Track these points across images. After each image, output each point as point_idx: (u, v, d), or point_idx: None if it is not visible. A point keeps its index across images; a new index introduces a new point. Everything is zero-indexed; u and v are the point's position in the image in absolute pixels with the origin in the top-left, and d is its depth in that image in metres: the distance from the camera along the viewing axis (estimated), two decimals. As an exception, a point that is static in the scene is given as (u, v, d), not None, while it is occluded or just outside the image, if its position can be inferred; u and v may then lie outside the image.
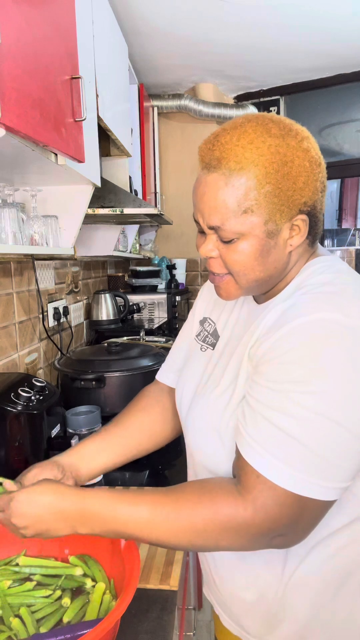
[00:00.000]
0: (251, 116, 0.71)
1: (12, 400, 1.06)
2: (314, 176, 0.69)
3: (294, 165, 0.67)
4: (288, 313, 0.68)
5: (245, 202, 0.67)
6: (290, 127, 0.69)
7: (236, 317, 0.84)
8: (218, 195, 0.68)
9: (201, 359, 0.87)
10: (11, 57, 0.81)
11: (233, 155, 0.66)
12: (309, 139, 0.70)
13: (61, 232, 1.49)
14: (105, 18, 1.69)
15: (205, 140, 0.71)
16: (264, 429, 0.64)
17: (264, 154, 0.66)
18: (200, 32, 2.35)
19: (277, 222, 0.68)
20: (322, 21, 2.30)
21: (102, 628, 0.62)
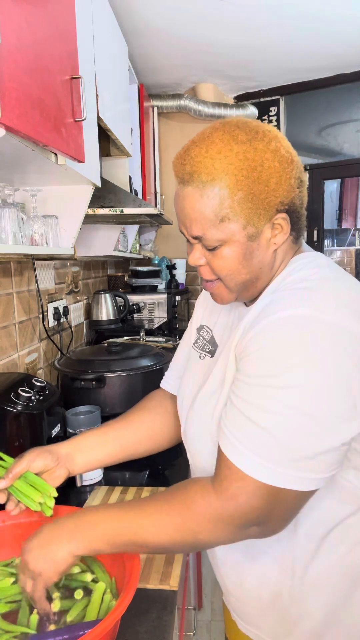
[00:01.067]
0: (218, 124, 0.72)
1: (12, 400, 1.06)
2: (286, 175, 0.70)
3: (263, 168, 0.68)
4: (265, 310, 0.70)
5: (221, 211, 0.69)
6: (257, 130, 0.71)
7: (227, 321, 0.86)
8: (195, 207, 0.70)
9: (199, 366, 0.88)
10: (11, 57, 0.81)
11: (203, 167, 0.68)
12: (277, 139, 0.71)
13: (61, 232, 1.49)
14: (105, 18, 1.69)
15: (177, 155, 0.73)
16: (239, 422, 0.66)
17: (233, 162, 0.67)
18: (200, 32, 2.35)
19: (256, 224, 0.70)
20: (322, 21, 2.30)
21: (102, 628, 0.62)
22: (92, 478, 1.27)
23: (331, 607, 0.77)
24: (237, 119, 0.73)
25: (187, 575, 1.43)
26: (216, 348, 0.86)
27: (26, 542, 0.75)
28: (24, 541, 0.75)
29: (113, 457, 0.95)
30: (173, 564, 0.92)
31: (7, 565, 0.87)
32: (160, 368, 1.53)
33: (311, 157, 3.33)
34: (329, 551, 0.75)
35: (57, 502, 1.10)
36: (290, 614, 0.78)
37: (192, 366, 0.91)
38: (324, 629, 0.78)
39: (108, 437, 0.95)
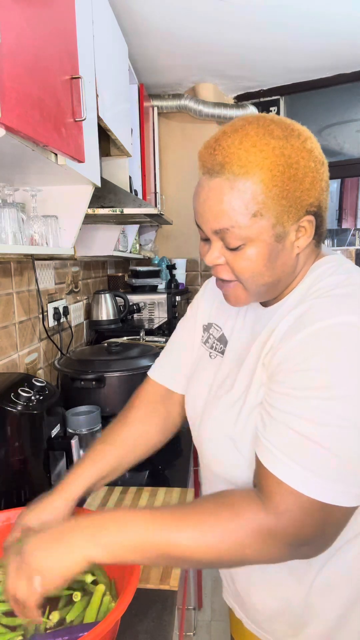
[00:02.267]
0: (251, 118, 0.69)
1: (12, 400, 1.05)
2: (319, 176, 0.68)
3: (299, 167, 0.65)
4: (303, 318, 0.66)
5: (254, 206, 0.65)
6: (292, 127, 0.68)
7: (242, 322, 0.82)
8: (224, 199, 0.66)
9: (210, 367, 0.85)
10: (11, 57, 0.81)
11: (236, 159, 0.64)
12: (311, 139, 0.69)
13: (61, 232, 1.49)
14: (105, 18, 1.69)
15: (206, 144, 0.70)
16: (285, 436, 0.63)
17: (269, 156, 0.64)
18: (200, 32, 2.35)
19: (285, 224, 0.67)
20: (322, 21, 2.30)
21: (102, 628, 0.62)
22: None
23: (341, 611, 0.76)
24: (271, 115, 0.70)
25: (187, 575, 1.43)
26: (226, 346, 0.83)
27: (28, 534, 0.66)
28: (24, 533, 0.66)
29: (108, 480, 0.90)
30: (173, 564, 0.92)
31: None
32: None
33: (311, 157, 3.33)
34: (340, 560, 0.74)
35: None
36: (299, 618, 0.78)
37: (202, 367, 0.88)
38: (332, 632, 0.77)
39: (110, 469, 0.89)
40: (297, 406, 0.63)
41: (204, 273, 3.42)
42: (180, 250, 3.42)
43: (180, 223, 3.33)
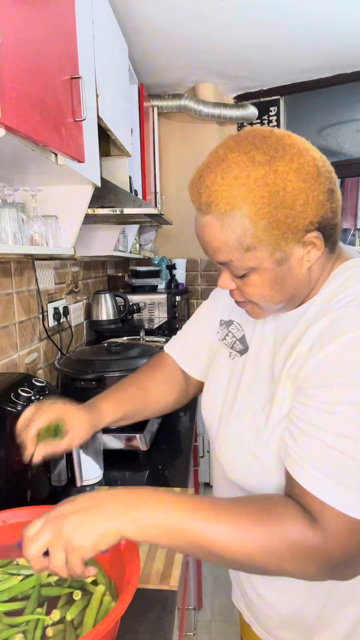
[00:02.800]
0: (232, 143, 0.67)
1: (12, 400, 1.05)
2: (312, 192, 0.64)
3: (286, 192, 0.63)
4: (332, 329, 0.64)
5: (245, 241, 0.65)
6: (277, 147, 0.64)
7: (262, 327, 0.81)
8: (217, 237, 0.66)
9: (228, 367, 0.85)
10: (11, 57, 0.81)
11: (221, 197, 0.64)
12: (300, 154, 0.64)
13: (61, 232, 1.49)
14: (105, 18, 1.69)
15: (192, 180, 0.69)
16: (321, 453, 0.61)
17: (252, 189, 0.62)
18: (200, 32, 2.35)
19: (284, 249, 0.66)
20: (322, 21, 2.30)
21: (102, 628, 0.62)
22: (92, 478, 1.27)
23: (352, 624, 0.76)
24: (254, 133, 0.67)
25: (187, 575, 1.43)
26: (247, 348, 0.82)
27: (58, 508, 0.63)
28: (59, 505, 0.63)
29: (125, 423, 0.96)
30: (173, 564, 0.92)
31: (8, 565, 0.87)
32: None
33: (311, 157, 3.34)
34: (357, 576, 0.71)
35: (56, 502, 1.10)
36: (309, 628, 0.78)
37: (220, 366, 0.87)
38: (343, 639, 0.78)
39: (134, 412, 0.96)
40: (332, 422, 0.60)
41: (204, 273, 3.43)
42: (180, 250, 3.42)
43: (180, 223, 3.32)
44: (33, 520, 0.63)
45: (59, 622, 0.75)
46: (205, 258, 3.39)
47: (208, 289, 3.44)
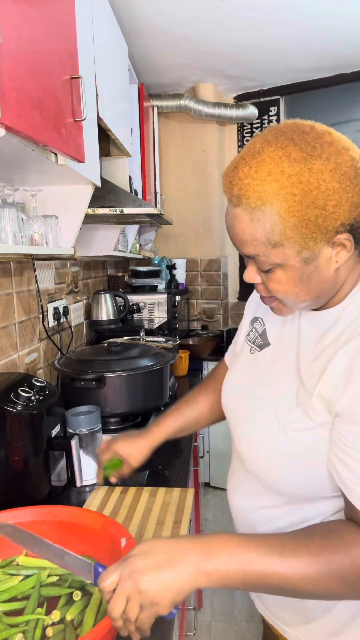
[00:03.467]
0: (271, 136, 0.66)
1: (12, 400, 1.05)
2: (347, 194, 0.63)
3: (319, 192, 0.62)
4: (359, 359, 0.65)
5: (273, 237, 0.65)
6: (315, 144, 0.63)
7: (285, 325, 0.82)
8: (245, 230, 0.66)
9: (248, 361, 0.87)
10: (11, 57, 0.81)
11: (252, 191, 0.64)
12: (338, 152, 0.64)
13: (61, 232, 1.49)
14: (105, 18, 1.69)
15: (226, 171, 0.69)
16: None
17: (284, 186, 0.62)
18: (200, 32, 2.35)
19: (313, 248, 0.65)
20: (322, 21, 2.30)
21: (102, 628, 0.62)
22: (92, 478, 1.27)
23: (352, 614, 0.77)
24: (294, 127, 0.66)
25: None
26: (267, 343, 0.84)
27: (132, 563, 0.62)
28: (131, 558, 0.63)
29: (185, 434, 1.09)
30: (173, 564, 0.92)
31: (8, 565, 0.87)
32: (160, 368, 1.53)
33: (311, 157, 3.34)
34: None
35: (56, 502, 1.10)
36: (310, 612, 0.80)
37: (241, 360, 0.90)
38: (342, 626, 0.78)
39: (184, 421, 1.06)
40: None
41: (204, 273, 3.43)
42: (180, 250, 3.42)
43: (180, 223, 3.33)
44: (108, 570, 0.63)
45: (59, 622, 0.75)
46: (206, 258, 3.39)
47: (208, 289, 3.44)
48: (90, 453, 1.27)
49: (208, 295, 3.45)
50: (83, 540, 0.87)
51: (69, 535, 0.89)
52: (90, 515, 0.89)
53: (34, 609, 0.78)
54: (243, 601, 2.17)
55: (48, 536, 0.90)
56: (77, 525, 0.89)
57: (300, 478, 0.73)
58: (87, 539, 0.87)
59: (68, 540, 0.89)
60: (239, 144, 3.38)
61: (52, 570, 0.86)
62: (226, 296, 3.52)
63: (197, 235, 3.38)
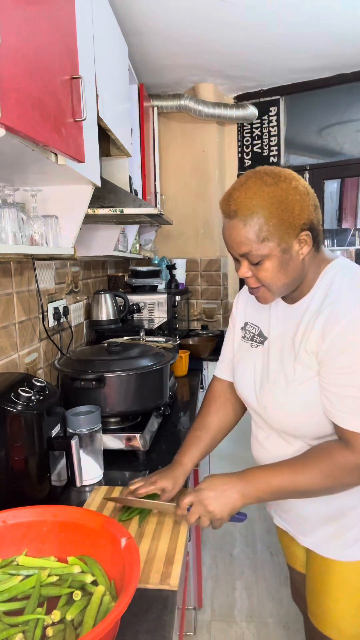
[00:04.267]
0: (250, 173, 0.97)
1: (12, 400, 1.05)
2: (304, 203, 0.94)
3: (288, 201, 0.92)
4: (331, 320, 0.93)
5: (262, 234, 0.92)
6: (280, 174, 0.95)
7: (275, 317, 1.09)
8: (241, 233, 0.94)
9: (254, 354, 1.12)
10: (11, 57, 0.81)
11: (244, 206, 0.92)
12: (295, 179, 0.96)
13: (61, 232, 1.49)
14: (105, 18, 1.69)
15: (223, 198, 0.97)
16: (350, 402, 0.93)
17: (265, 199, 0.92)
18: (200, 32, 2.35)
19: (287, 241, 0.94)
20: (322, 21, 2.30)
21: (102, 628, 0.62)
22: (92, 478, 1.27)
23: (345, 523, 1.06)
24: (264, 168, 0.97)
25: (187, 575, 1.43)
26: (264, 338, 1.10)
27: (201, 496, 0.98)
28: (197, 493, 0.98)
29: (207, 454, 1.25)
30: (173, 564, 0.92)
31: (8, 565, 0.87)
32: (160, 368, 1.53)
33: (311, 157, 3.33)
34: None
35: (56, 502, 1.10)
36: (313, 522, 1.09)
37: (245, 355, 1.15)
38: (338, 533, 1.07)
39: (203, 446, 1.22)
40: (350, 379, 0.92)
41: (204, 273, 3.43)
42: (180, 250, 3.42)
43: (180, 223, 3.33)
44: (185, 495, 1.00)
45: (59, 622, 0.75)
46: (205, 258, 3.39)
47: (208, 289, 3.44)
48: (91, 453, 1.27)
49: (208, 295, 3.45)
50: (83, 540, 0.87)
51: (69, 535, 0.89)
52: (90, 515, 0.89)
53: (34, 609, 0.78)
54: (243, 601, 2.17)
55: (48, 536, 0.90)
56: (77, 525, 0.88)
57: (310, 422, 1.00)
58: (87, 539, 0.87)
59: (68, 540, 0.89)
60: (238, 144, 3.38)
61: (52, 570, 0.86)
62: (226, 296, 3.52)
63: (197, 235, 3.38)
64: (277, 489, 0.97)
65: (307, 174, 3.25)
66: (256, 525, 2.74)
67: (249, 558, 2.47)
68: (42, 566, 0.86)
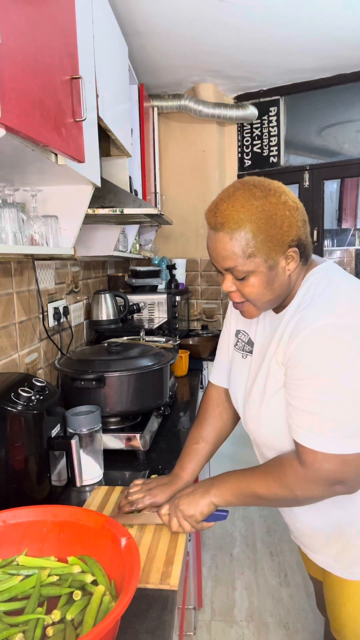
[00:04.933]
0: (239, 184, 0.92)
1: (12, 400, 1.05)
2: (293, 219, 0.90)
3: (277, 217, 0.88)
4: (298, 325, 0.89)
5: (248, 250, 0.88)
6: (270, 187, 0.90)
7: (262, 326, 1.06)
8: (227, 247, 0.89)
9: (244, 364, 1.09)
10: (11, 57, 0.81)
11: (231, 218, 0.87)
12: (285, 193, 0.91)
13: (61, 232, 1.49)
14: (105, 18, 1.70)
15: (209, 208, 0.93)
16: (300, 415, 0.89)
17: (254, 213, 0.87)
18: (200, 32, 2.35)
19: (274, 258, 0.90)
20: (322, 21, 2.30)
21: (102, 628, 0.62)
22: (92, 478, 1.27)
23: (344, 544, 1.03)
24: (251, 180, 0.92)
25: (187, 575, 1.43)
26: (253, 347, 1.07)
27: (175, 498, 1.04)
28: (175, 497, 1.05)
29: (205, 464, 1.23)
30: (173, 563, 0.92)
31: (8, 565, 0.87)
32: (160, 368, 1.53)
33: (311, 157, 3.33)
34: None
35: (56, 502, 1.10)
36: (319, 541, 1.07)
37: (238, 365, 1.12)
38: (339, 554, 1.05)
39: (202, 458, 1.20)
40: (302, 391, 0.88)
41: (204, 273, 3.43)
42: (180, 250, 3.42)
43: (180, 223, 3.33)
44: (164, 505, 1.05)
45: (59, 622, 0.75)
46: (205, 258, 3.39)
47: (208, 289, 3.44)
48: (91, 453, 1.27)
49: (208, 295, 3.45)
50: (83, 540, 0.87)
51: (69, 535, 0.89)
52: (90, 515, 0.89)
53: (34, 609, 0.78)
54: (243, 601, 2.17)
55: (48, 536, 0.90)
56: (77, 525, 0.89)
57: (285, 436, 0.97)
58: (87, 539, 0.87)
59: (68, 540, 0.89)
60: (238, 144, 3.38)
61: (52, 570, 0.86)
62: (226, 296, 3.52)
63: (197, 235, 3.38)
64: (239, 493, 0.98)
65: (307, 174, 3.25)
66: (256, 525, 2.74)
67: (249, 558, 2.47)
68: (42, 566, 0.86)
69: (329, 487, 0.89)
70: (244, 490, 0.97)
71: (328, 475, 0.88)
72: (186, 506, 1.01)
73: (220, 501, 1.00)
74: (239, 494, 0.98)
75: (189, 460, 1.18)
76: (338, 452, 0.86)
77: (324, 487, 0.90)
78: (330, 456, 0.86)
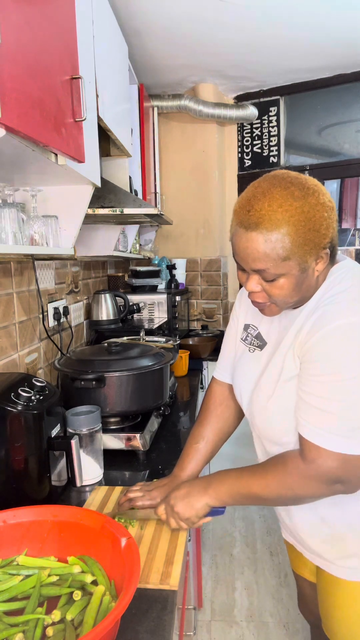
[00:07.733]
0: (274, 180, 0.87)
1: (12, 400, 1.05)
2: (330, 220, 0.87)
3: (316, 219, 0.84)
4: (320, 321, 0.88)
5: (283, 253, 0.84)
6: (307, 186, 0.86)
7: (277, 319, 1.03)
8: (259, 249, 0.85)
9: (252, 358, 1.07)
10: (11, 57, 0.81)
11: (267, 219, 0.83)
12: (323, 192, 0.87)
13: (61, 232, 1.49)
14: (105, 18, 1.69)
15: (240, 203, 0.88)
16: (312, 411, 0.88)
17: (293, 214, 0.82)
18: (200, 32, 2.35)
19: (308, 261, 0.87)
20: (322, 21, 2.30)
21: (102, 628, 0.62)
22: (92, 478, 1.27)
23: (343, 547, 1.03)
24: (285, 175, 0.88)
25: (187, 575, 1.43)
26: (264, 343, 1.05)
27: (170, 496, 1.02)
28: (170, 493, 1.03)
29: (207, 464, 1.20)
30: (173, 563, 0.92)
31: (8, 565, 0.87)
32: (160, 368, 1.53)
33: (311, 157, 3.33)
34: None
35: (56, 502, 1.10)
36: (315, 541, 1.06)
37: (244, 359, 1.10)
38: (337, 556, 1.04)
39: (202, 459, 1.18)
40: (315, 387, 0.88)
41: (204, 273, 3.43)
42: (180, 250, 3.42)
43: (180, 223, 3.33)
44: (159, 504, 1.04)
45: (59, 622, 0.75)
46: (205, 258, 3.39)
47: (208, 289, 3.44)
48: (91, 453, 1.27)
49: (208, 295, 3.45)
50: (83, 540, 0.87)
51: (69, 535, 0.89)
52: (90, 515, 0.89)
53: (34, 609, 0.78)
54: (243, 601, 2.17)
55: (48, 536, 0.90)
56: (77, 525, 0.89)
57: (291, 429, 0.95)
58: (87, 539, 0.87)
59: (68, 540, 0.89)
60: (238, 144, 3.38)
61: (52, 570, 0.86)
62: (226, 296, 3.52)
63: (197, 235, 3.38)
64: (236, 493, 0.96)
65: (307, 174, 3.24)
66: (256, 525, 2.74)
67: (249, 558, 2.47)
68: (42, 566, 0.86)
69: (329, 485, 0.89)
70: (241, 491, 0.95)
71: (329, 473, 0.87)
72: (182, 509, 0.99)
73: (216, 503, 0.98)
74: (236, 494, 0.96)
75: (189, 461, 1.17)
76: (342, 451, 0.85)
77: (324, 485, 0.89)
78: (333, 454, 0.86)
